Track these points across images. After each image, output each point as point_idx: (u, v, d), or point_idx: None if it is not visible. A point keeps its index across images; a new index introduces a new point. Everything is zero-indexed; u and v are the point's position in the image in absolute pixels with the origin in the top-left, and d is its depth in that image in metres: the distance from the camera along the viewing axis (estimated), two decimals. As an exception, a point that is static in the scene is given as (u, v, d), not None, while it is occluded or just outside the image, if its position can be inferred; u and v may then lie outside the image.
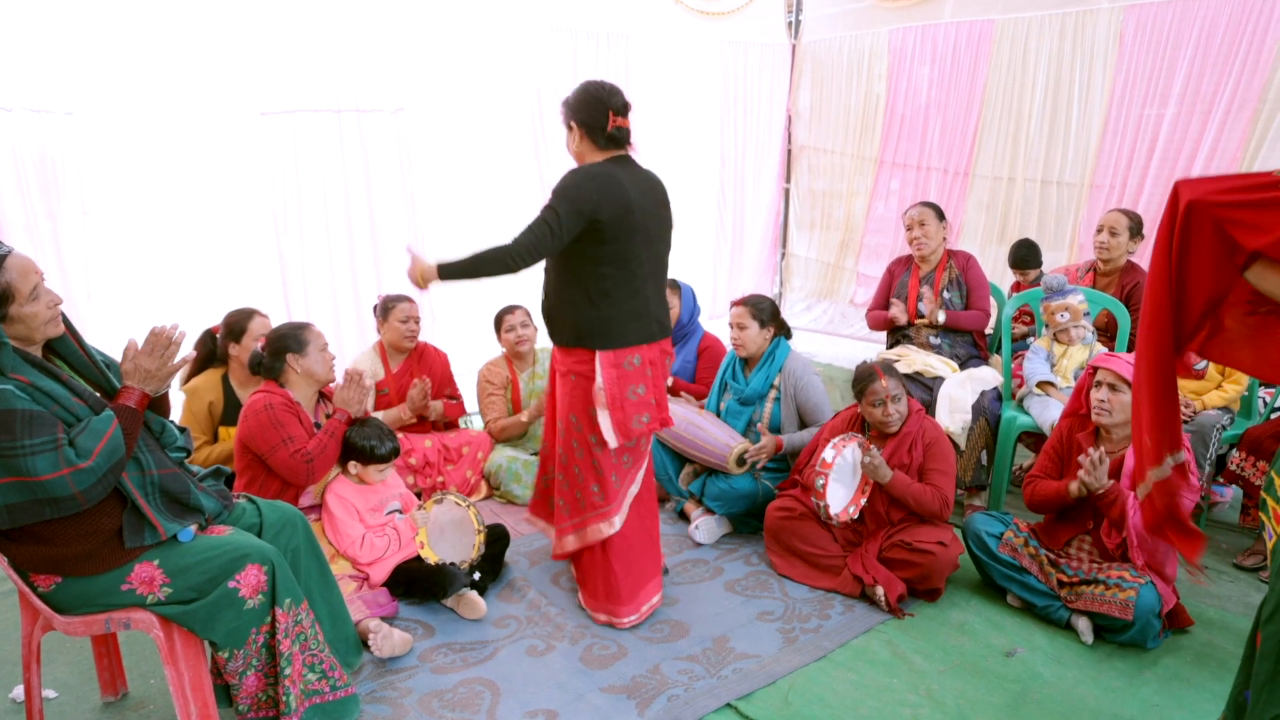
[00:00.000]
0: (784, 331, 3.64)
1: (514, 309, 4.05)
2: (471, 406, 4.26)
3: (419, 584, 2.90)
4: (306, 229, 5.20)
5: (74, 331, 2.11)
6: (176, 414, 3.06)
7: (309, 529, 2.47)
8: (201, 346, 3.37)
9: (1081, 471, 2.69)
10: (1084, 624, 2.75)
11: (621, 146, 2.71)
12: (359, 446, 2.89)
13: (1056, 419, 3.18)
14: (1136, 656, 2.67)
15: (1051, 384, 3.61)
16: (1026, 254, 4.73)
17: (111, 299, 4.66)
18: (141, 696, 2.50)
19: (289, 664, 2.15)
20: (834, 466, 2.87)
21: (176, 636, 2.08)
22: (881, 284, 4.28)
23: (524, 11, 5.90)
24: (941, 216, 4.08)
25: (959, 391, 3.72)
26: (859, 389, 3.09)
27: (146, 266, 4.72)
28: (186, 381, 3.32)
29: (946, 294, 4.04)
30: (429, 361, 3.97)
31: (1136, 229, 3.96)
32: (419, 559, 2.91)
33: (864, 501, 3.00)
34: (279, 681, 2.15)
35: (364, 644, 2.64)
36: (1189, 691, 2.50)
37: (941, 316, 3.98)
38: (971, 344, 4.07)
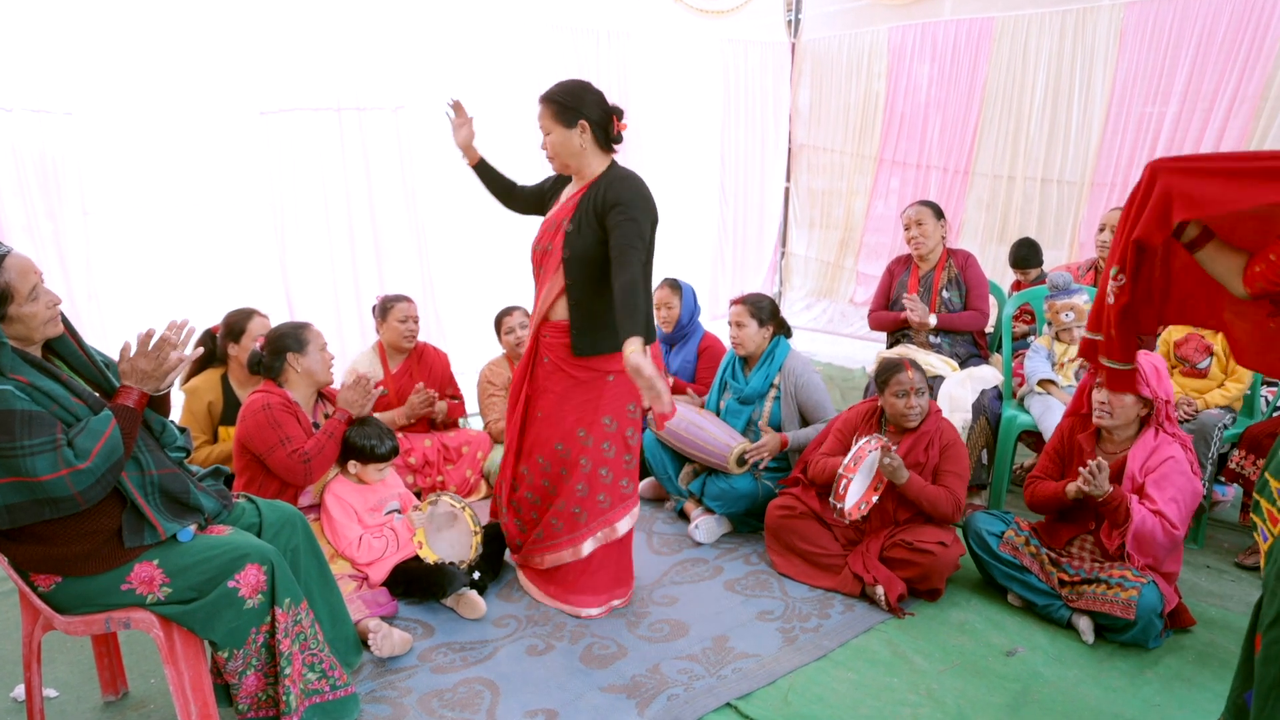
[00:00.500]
0: (784, 330, 3.64)
1: (513, 310, 4.04)
2: (472, 407, 4.25)
3: (418, 583, 2.90)
4: (307, 228, 5.20)
5: (73, 331, 2.11)
6: (176, 414, 3.06)
7: (308, 529, 2.47)
8: (201, 346, 3.37)
9: (1080, 481, 2.68)
10: (1085, 623, 2.75)
11: (613, 150, 2.77)
12: (358, 446, 2.89)
13: (1059, 418, 3.17)
14: (1138, 656, 2.66)
15: (1053, 382, 3.61)
16: (1027, 253, 4.73)
17: (112, 299, 4.67)
18: (142, 696, 2.51)
19: (289, 663, 2.15)
20: (858, 471, 2.85)
21: (176, 636, 2.08)
22: (881, 283, 4.27)
23: (525, 9, 5.90)
24: (940, 215, 4.07)
25: (959, 390, 3.72)
26: (883, 379, 3.08)
27: (147, 266, 4.72)
28: (186, 381, 3.32)
29: (945, 293, 4.03)
30: (429, 362, 3.94)
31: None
32: (418, 559, 2.91)
33: (875, 499, 2.98)
34: (279, 681, 2.15)
35: (364, 643, 2.64)
36: (1191, 691, 2.49)
37: (933, 320, 3.96)
38: (972, 343, 4.06)
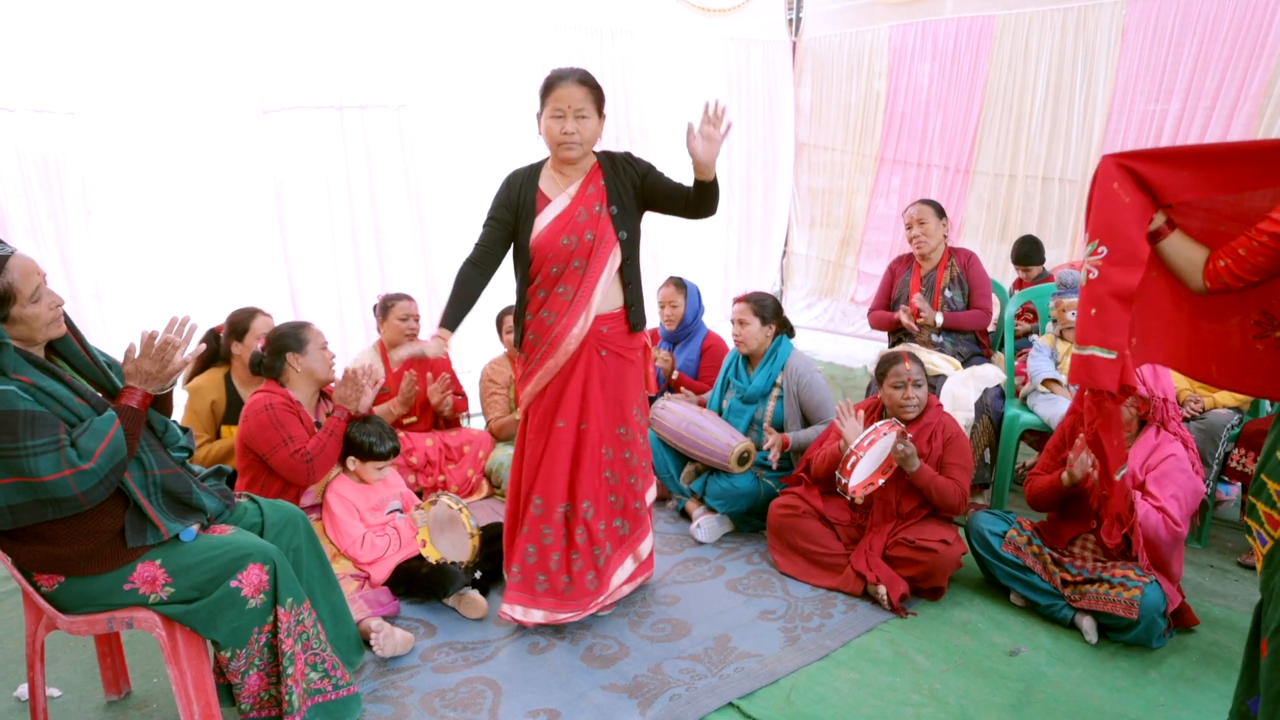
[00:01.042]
0: (786, 329, 3.64)
1: (513, 309, 4.03)
2: (474, 407, 4.25)
3: (420, 583, 2.90)
4: (309, 226, 5.19)
5: (76, 332, 2.11)
6: (179, 413, 3.06)
7: (310, 528, 2.47)
8: (204, 345, 3.37)
9: (1069, 468, 2.72)
10: (1088, 623, 2.74)
11: None
12: (358, 442, 2.90)
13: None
14: (1141, 656, 2.66)
15: (1057, 381, 3.60)
16: (1029, 250, 4.72)
17: (115, 299, 4.67)
18: (145, 695, 2.51)
19: (291, 663, 2.15)
20: (869, 450, 2.85)
21: (179, 636, 2.09)
22: (883, 283, 4.27)
23: (527, 7, 5.90)
24: (941, 214, 4.07)
25: (962, 389, 3.71)
26: (882, 371, 3.12)
27: (150, 266, 4.72)
28: (189, 380, 3.32)
29: (948, 292, 4.02)
30: (430, 360, 3.93)
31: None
32: (420, 558, 2.91)
33: (881, 482, 2.95)
34: (281, 681, 2.15)
35: (366, 643, 2.64)
36: (1194, 691, 2.49)
37: (939, 319, 3.96)
38: (974, 342, 4.05)
